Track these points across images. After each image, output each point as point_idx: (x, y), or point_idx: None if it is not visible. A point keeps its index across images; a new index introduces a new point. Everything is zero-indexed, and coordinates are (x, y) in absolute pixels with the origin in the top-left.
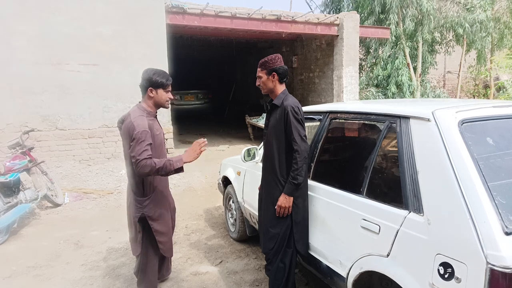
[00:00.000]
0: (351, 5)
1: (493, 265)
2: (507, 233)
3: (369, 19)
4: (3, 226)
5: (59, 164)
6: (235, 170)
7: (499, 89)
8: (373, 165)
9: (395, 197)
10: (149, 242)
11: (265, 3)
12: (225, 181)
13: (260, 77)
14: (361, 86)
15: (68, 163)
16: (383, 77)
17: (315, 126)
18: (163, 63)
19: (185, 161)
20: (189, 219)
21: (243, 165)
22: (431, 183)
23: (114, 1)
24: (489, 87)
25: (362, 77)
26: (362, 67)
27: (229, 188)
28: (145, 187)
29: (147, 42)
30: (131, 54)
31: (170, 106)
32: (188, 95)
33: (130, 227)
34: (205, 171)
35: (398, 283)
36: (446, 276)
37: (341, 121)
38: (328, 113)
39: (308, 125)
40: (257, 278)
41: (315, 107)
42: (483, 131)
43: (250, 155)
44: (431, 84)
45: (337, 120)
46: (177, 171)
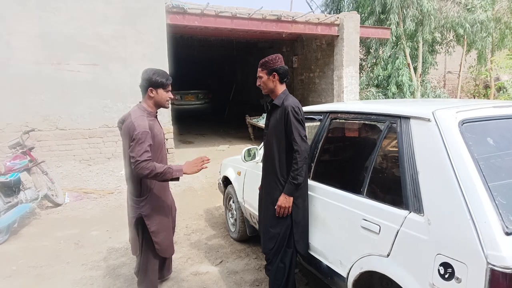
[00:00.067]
0: (351, 5)
1: (494, 265)
2: (508, 233)
3: (369, 19)
4: (4, 225)
5: (59, 164)
6: (235, 170)
7: (500, 89)
8: (374, 165)
9: (395, 197)
10: (149, 242)
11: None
12: (226, 181)
13: (260, 77)
14: (362, 86)
15: (68, 163)
16: (383, 77)
17: (316, 126)
18: (163, 63)
19: (185, 173)
20: (190, 219)
21: (243, 165)
22: (432, 183)
23: (114, 1)
24: (490, 87)
25: (362, 77)
26: (362, 67)
27: (230, 188)
28: (142, 187)
29: (147, 42)
30: (131, 54)
31: (170, 106)
32: (188, 95)
33: (130, 227)
34: (205, 171)
35: (398, 283)
36: (446, 276)
37: (341, 121)
38: (328, 113)
39: (308, 125)
40: (257, 278)
41: (316, 107)
42: (484, 131)
43: (250, 155)
44: (431, 84)
45: (338, 120)
46: (173, 179)
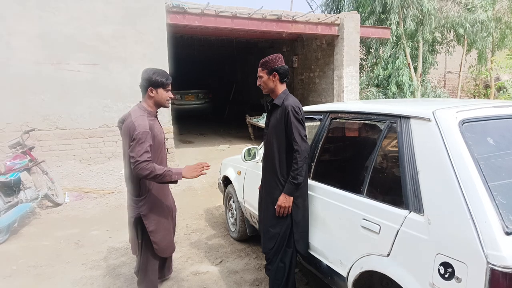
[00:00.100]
0: (351, 5)
1: (494, 265)
2: (508, 233)
3: (369, 19)
4: (4, 225)
5: (59, 163)
6: (235, 169)
7: (500, 89)
8: (374, 165)
9: (395, 197)
10: (148, 241)
11: (266, 3)
12: (226, 180)
13: (261, 77)
14: (362, 86)
15: (68, 162)
16: (383, 77)
17: (316, 126)
18: (163, 63)
19: (184, 176)
20: (190, 218)
21: (243, 164)
22: (432, 183)
23: (114, 1)
24: (490, 87)
25: (362, 77)
26: (362, 67)
27: (230, 187)
28: (141, 187)
29: (148, 42)
30: (131, 54)
31: (170, 105)
32: (188, 95)
33: (129, 227)
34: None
35: (398, 283)
36: (446, 276)
37: (341, 121)
38: (328, 113)
39: (308, 125)
40: (257, 277)
41: (316, 107)
42: (484, 131)
43: (250, 154)
44: (431, 84)
45: (338, 120)
46: (172, 182)
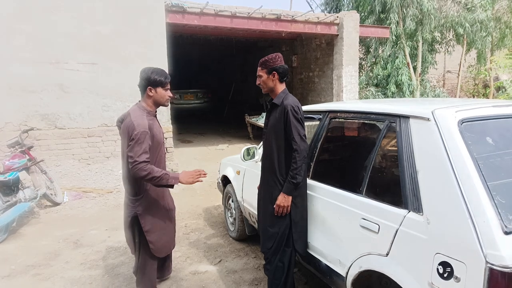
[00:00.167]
0: (351, 4)
1: (493, 265)
2: (507, 233)
3: (369, 19)
4: (2, 225)
5: (58, 163)
6: (234, 169)
7: (499, 89)
8: (373, 164)
9: (394, 196)
10: (146, 241)
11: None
12: (225, 180)
13: (260, 76)
14: (361, 85)
15: (67, 162)
16: (383, 77)
17: (315, 125)
18: (162, 62)
19: (180, 181)
20: (189, 218)
21: (242, 164)
22: (431, 182)
23: (113, 0)
24: (489, 87)
25: (362, 77)
26: (362, 67)
27: (229, 187)
28: (139, 186)
29: (147, 41)
30: (131, 53)
31: (169, 104)
32: (187, 94)
33: (125, 227)
34: (204, 170)
35: (397, 282)
36: (445, 275)
37: (340, 120)
38: (327, 113)
39: (307, 124)
40: (256, 277)
41: (315, 107)
42: (483, 130)
43: (249, 154)
44: (430, 83)
45: (337, 119)
46: (168, 186)
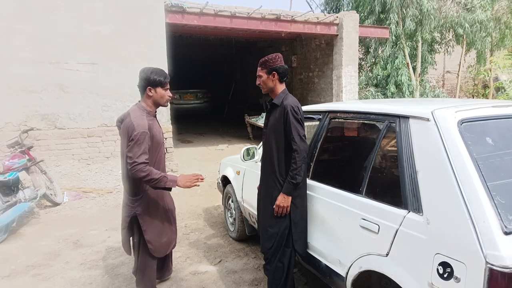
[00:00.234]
0: (351, 5)
1: (492, 265)
2: (506, 233)
3: (369, 19)
4: (2, 225)
5: (58, 163)
6: (234, 169)
7: (498, 89)
8: (373, 164)
9: (394, 196)
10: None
11: (265, 2)
12: (225, 180)
13: (260, 76)
14: (361, 85)
15: (67, 162)
16: (382, 77)
17: (315, 125)
18: (162, 62)
19: (178, 185)
20: (188, 218)
21: (242, 164)
22: (431, 182)
23: (113, 0)
24: (488, 87)
25: (361, 77)
26: (361, 67)
27: (229, 187)
28: (138, 186)
29: (147, 41)
30: (131, 53)
31: (169, 104)
32: (187, 94)
33: (122, 227)
34: (204, 170)
35: (397, 282)
36: (445, 275)
37: (340, 120)
38: (327, 113)
39: (307, 124)
40: (256, 277)
41: (315, 107)
42: (483, 131)
43: (249, 154)
44: (430, 84)
45: (337, 119)
46: (165, 188)
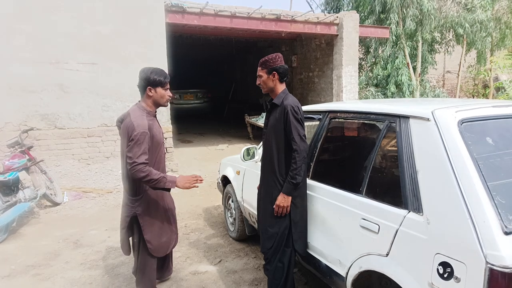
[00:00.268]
0: (351, 5)
1: (493, 265)
2: (507, 233)
3: (369, 19)
4: (2, 225)
5: (58, 163)
6: (234, 169)
7: (498, 89)
8: (373, 164)
9: (394, 196)
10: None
11: (265, 2)
12: (225, 180)
13: (260, 76)
14: (361, 85)
15: (67, 162)
16: (382, 77)
17: (315, 125)
18: (162, 62)
19: (177, 186)
20: (188, 218)
21: (242, 164)
22: (431, 182)
23: (113, 0)
24: (489, 87)
25: (361, 77)
26: (361, 67)
27: (229, 187)
28: (138, 186)
29: (147, 41)
30: (131, 53)
31: (169, 104)
32: (187, 94)
33: (121, 227)
34: (204, 170)
35: (397, 282)
36: (445, 275)
37: (340, 120)
38: (327, 113)
39: (307, 124)
40: (256, 277)
41: (315, 107)
42: (483, 130)
43: (249, 154)
44: (430, 83)
45: (337, 119)
46: (164, 189)
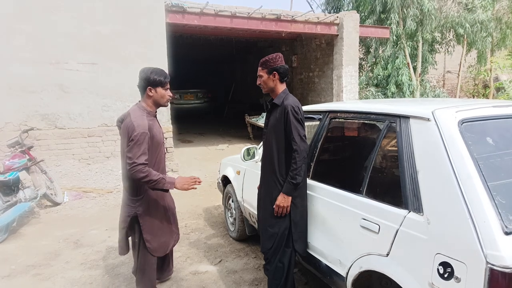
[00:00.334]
0: (351, 4)
1: (493, 265)
2: (507, 233)
3: (369, 19)
4: (3, 224)
5: (58, 163)
6: (234, 169)
7: (499, 89)
8: (373, 164)
9: (394, 196)
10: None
11: (265, 2)
12: (225, 180)
13: (261, 76)
14: (361, 85)
15: (67, 162)
16: (383, 77)
17: (315, 125)
18: (162, 62)
19: (176, 187)
20: (189, 218)
21: (242, 164)
22: (431, 182)
23: (113, 0)
24: (489, 87)
25: (362, 77)
26: (362, 67)
27: (229, 187)
28: (139, 186)
29: (147, 41)
30: (131, 53)
31: (169, 104)
32: (187, 94)
33: (120, 227)
34: (204, 170)
35: (397, 282)
36: (445, 275)
37: (341, 120)
38: (328, 113)
39: (308, 124)
40: (256, 277)
41: (315, 107)
42: (483, 130)
43: (249, 154)
44: (430, 83)
45: (337, 119)
46: (163, 190)
